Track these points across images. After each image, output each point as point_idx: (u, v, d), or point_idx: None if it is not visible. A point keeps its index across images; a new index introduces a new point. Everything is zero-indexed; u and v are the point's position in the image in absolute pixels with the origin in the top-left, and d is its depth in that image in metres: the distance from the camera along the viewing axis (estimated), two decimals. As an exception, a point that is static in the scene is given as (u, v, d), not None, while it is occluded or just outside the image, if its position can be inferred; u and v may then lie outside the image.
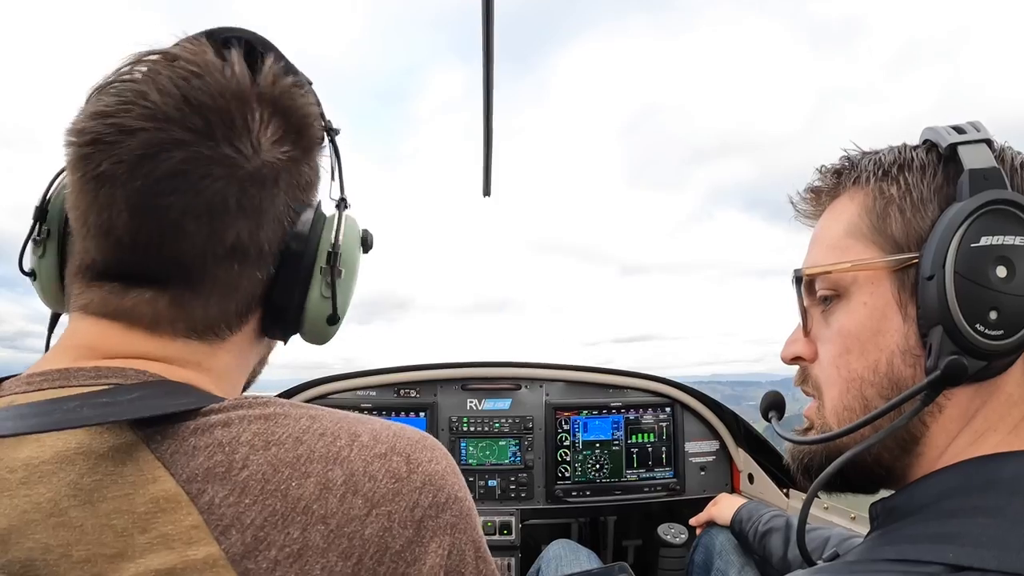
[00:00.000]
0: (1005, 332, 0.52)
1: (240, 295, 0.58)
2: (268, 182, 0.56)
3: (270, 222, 0.57)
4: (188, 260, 0.53)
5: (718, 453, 2.19)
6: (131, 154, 0.50)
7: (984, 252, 0.53)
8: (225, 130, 0.53)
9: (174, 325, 0.55)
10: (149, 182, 0.51)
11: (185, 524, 0.44)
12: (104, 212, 0.52)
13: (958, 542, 0.46)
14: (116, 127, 0.51)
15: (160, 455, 0.47)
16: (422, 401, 2.14)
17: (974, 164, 0.56)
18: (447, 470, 0.56)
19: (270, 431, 0.50)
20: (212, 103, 0.52)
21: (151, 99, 0.51)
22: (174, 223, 0.52)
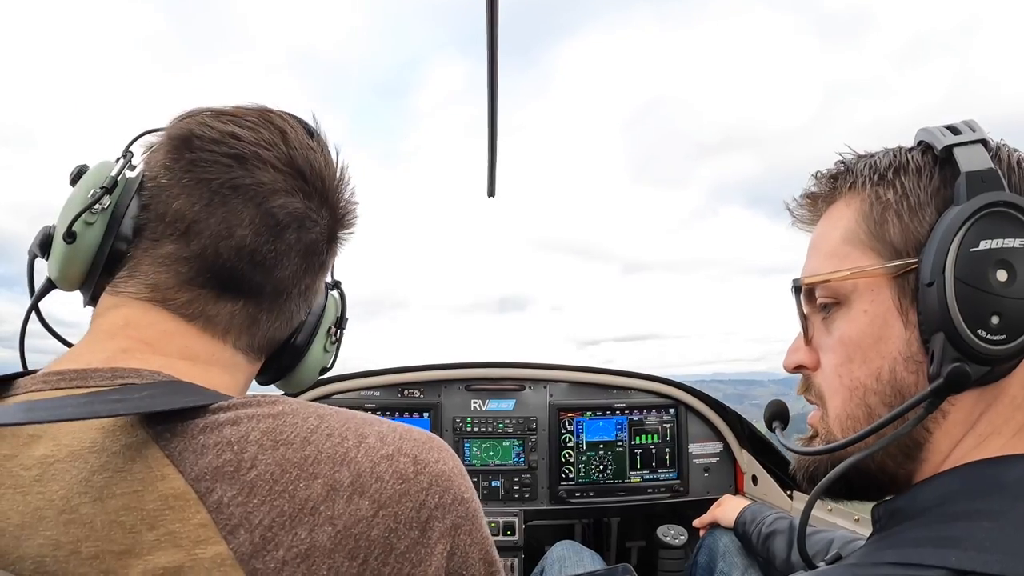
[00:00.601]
0: (1008, 336, 0.51)
1: (287, 328, 0.68)
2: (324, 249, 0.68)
3: (320, 279, 0.70)
4: (283, 286, 0.64)
5: (722, 454, 2.19)
6: (270, 183, 0.60)
7: (984, 256, 0.52)
8: (325, 199, 0.66)
9: (239, 337, 0.63)
10: (280, 213, 0.61)
11: (193, 522, 0.45)
12: (234, 218, 0.59)
13: (961, 546, 0.45)
14: (258, 156, 0.60)
15: (169, 453, 0.47)
16: (426, 401, 2.14)
17: (970, 166, 0.55)
18: (454, 471, 0.57)
19: (278, 430, 0.51)
20: (321, 174, 0.65)
21: (283, 150, 0.62)
22: (285, 251, 0.62)
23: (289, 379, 0.75)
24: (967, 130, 0.58)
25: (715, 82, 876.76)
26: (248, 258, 0.60)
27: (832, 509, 1.65)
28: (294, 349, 0.72)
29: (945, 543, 0.47)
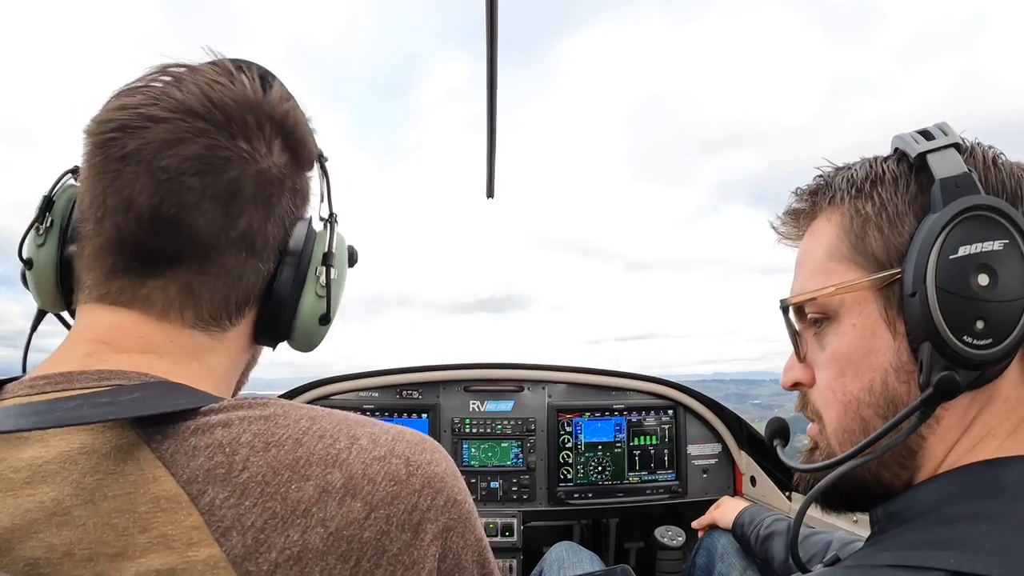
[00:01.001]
0: (994, 340, 0.51)
1: (243, 285, 0.61)
2: (275, 182, 0.61)
3: (276, 219, 0.62)
4: (204, 239, 0.56)
5: (720, 456, 2.19)
6: (158, 138, 0.54)
7: (963, 263, 0.52)
8: (244, 130, 0.58)
9: (183, 313, 0.58)
10: (175, 162, 0.54)
11: (186, 524, 0.45)
12: (127, 188, 0.55)
13: (960, 548, 0.45)
14: (143, 116, 0.55)
15: (161, 455, 0.47)
16: (424, 402, 2.14)
17: (944, 172, 0.55)
18: (447, 472, 0.56)
19: (270, 432, 0.50)
20: (233, 105, 0.58)
21: (176, 96, 0.56)
22: (195, 203, 0.55)
23: (292, 338, 0.68)
24: (939, 134, 0.58)
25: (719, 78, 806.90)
26: (150, 225, 0.55)
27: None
28: (276, 302, 0.64)
29: (944, 545, 0.47)
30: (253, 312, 0.64)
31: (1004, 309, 0.51)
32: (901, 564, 0.47)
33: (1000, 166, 0.57)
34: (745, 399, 61.21)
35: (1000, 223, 0.53)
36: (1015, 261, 0.52)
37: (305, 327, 0.67)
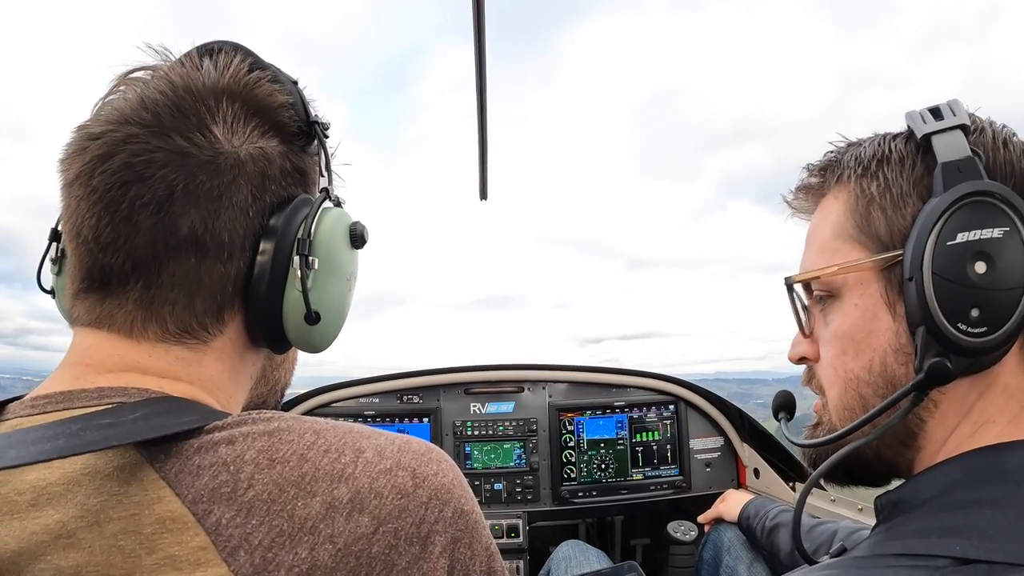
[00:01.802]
0: (988, 328, 0.51)
1: (206, 292, 0.56)
2: (224, 170, 0.55)
3: (229, 211, 0.55)
4: (142, 253, 0.53)
5: (723, 449, 2.19)
6: (93, 156, 0.52)
7: (962, 249, 0.52)
8: (176, 123, 0.54)
9: (147, 328, 0.54)
10: (103, 179, 0.52)
11: (192, 545, 0.45)
12: (74, 215, 0.54)
13: (965, 535, 0.46)
14: (86, 135, 0.54)
15: (165, 475, 0.47)
16: (425, 407, 2.13)
17: (947, 156, 0.55)
18: (453, 483, 0.56)
19: (274, 448, 0.50)
20: (163, 99, 0.54)
21: (115, 106, 0.54)
22: (126, 217, 0.52)
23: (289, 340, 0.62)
24: (948, 114, 0.57)
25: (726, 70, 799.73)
26: (95, 247, 0.53)
27: (835, 499, 1.65)
28: (254, 302, 0.58)
29: (949, 532, 0.47)
30: (239, 316, 0.59)
31: (1001, 297, 0.51)
32: (907, 553, 0.47)
33: (1011, 147, 0.56)
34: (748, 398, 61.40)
35: (1001, 209, 0.52)
36: (1015, 249, 0.51)
37: (295, 329, 0.60)
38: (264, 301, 0.58)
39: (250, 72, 0.58)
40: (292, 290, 0.58)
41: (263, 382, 0.68)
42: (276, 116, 0.59)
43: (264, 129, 0.58)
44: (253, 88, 0.58)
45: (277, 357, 0.68)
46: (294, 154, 0.61)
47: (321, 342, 0.63)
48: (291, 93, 0.61)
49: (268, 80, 0.59)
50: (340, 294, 0.64)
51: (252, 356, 0.63)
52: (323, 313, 0.60)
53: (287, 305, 0.59)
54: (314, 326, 0.60)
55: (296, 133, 0.61)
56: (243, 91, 0.57)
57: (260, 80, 0.59)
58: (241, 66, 0.58)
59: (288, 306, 0.59)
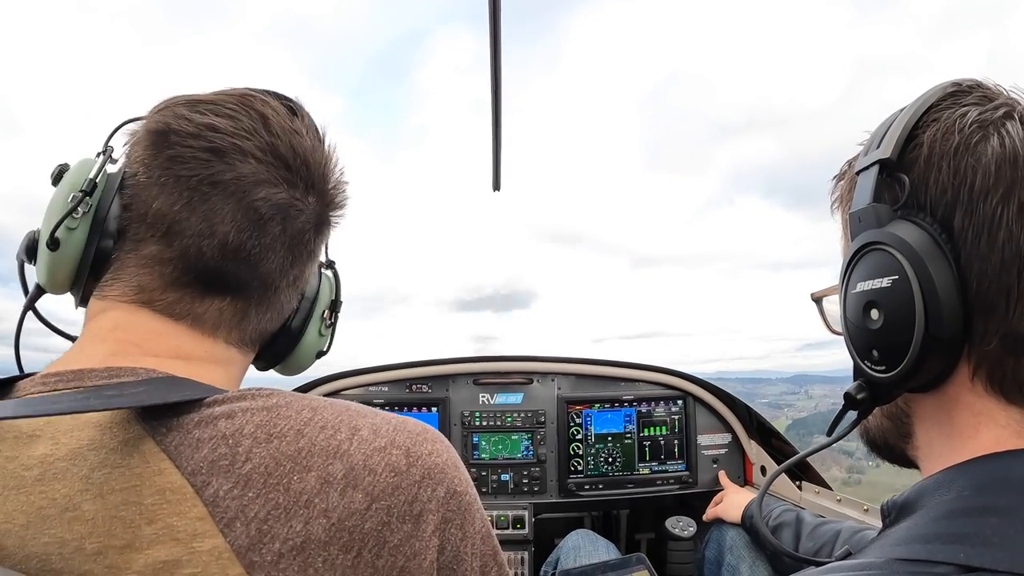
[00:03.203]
0: (888, 367, 0.54)
1: (278, 317, 0.68)
2: (321, 235, 0.68)
3: (310, 266, 0.69)
4: (271, 279, 0.63)
5: (730, 445, 2.18)
6: (251, 175, 0.59)
7: (859, 298, 0.56)
8: (311, 185, 0.64)
9: (230, 333, 0.62)
10: (266, 206, 0.60)
11: (191, 516, 0.46)
12: (214, 215, 0.58)
13: (970, 542, 0.45)
14: (237, 148, 0.59)
15: (165, 447, 0.48)
16: (434, 396, 2.15)
17: (857, 202, 0.57)
18: (447, 463, 0.57)
19: (272, 423, 0.51)
20: (304, 159, 0.63)
21: (265, 138, 0.60)
22: (270, 244, 0.61)
23: (286, 364, 0.76)
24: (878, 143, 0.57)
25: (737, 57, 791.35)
26: (232, 255, 0.59)
27: (841, 499, 1.64)
28: (289, 335, 0.71)
29: (954, 539, 0.46)
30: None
31: (893, 342, 0.53)
32: (911, 558, 0.47)
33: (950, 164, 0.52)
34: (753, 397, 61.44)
35: (893, 258, 0.53)
36: (903, 297, 0.52)
37: (301, 358, 0.76)
38: (294, 336, 0.72)
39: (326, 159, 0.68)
40: (313, 331, 0.74)
41: None
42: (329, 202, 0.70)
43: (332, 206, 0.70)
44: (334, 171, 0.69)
45: None
46: None
47: (304, 369, 0.79)
48: None
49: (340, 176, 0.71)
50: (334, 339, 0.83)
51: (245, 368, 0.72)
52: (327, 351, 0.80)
53: (306, 341, 0.74)
54: (316, 360, 0.79)
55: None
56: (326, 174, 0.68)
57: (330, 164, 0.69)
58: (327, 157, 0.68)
59: (307, 341, 0.74)
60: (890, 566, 0.48)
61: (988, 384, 0.53)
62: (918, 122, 0.55)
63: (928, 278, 0.50)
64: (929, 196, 0.53)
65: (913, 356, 0.52)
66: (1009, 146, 0.50)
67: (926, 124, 0.55)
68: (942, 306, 0.50)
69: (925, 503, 0.53)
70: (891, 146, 0.55)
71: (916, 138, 0.55)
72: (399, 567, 0.51)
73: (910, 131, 0.55)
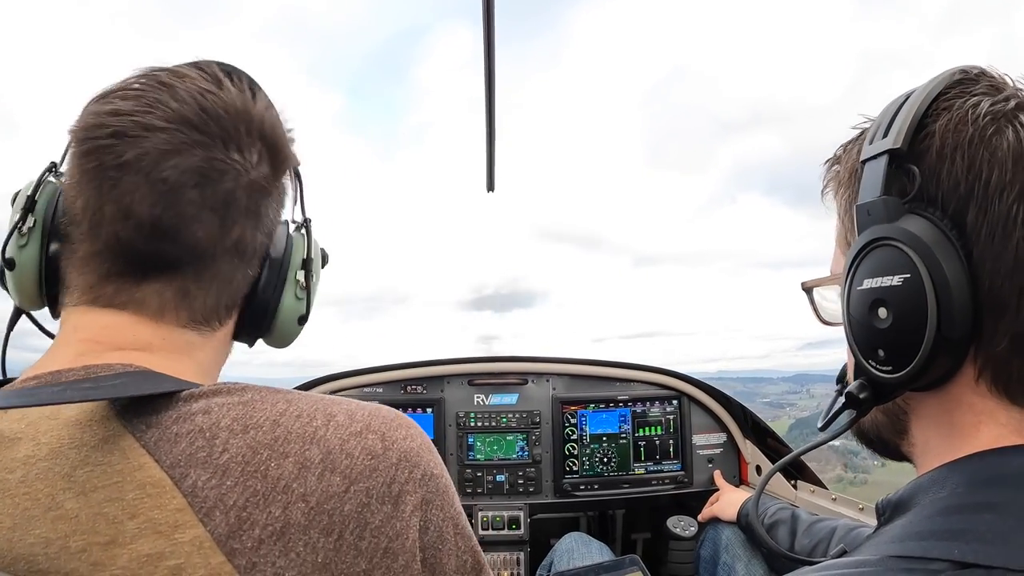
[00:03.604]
0: (894, 368, 0.53)
1: (232, 289, 0.64)
2: (263, 192, 0.64)
3: (262, 228, 0.65)
4: (201, 249, 0.59)
5: (725, 445, 2.19)
6: (156, 148, 0.56)
7: (865, 296, 0.54)
8: (237, 141, 0.60)
9: (178, 314, 0.60)
10: (175, 174, 0.56)
11: (171, 508, 0.47)
12: (126, 197, 0.56)
13: (964, 539, 0.45)
14: (139, 124, 0.56)
15: (145, 443, 0.49)
16: (429, 397, 2.14)
17: (864, 194, 0.55)
18: (422, 447, 0.58)
19: (248, 415, 0.52)
20: (227, 118, 0.60)
21: (171, 106, 0.57)
22: (194, 214, 0.58)
23: (271, 336, 0.73)
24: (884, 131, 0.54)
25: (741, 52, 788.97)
26: (150, 233, 0.57)
27: (836, 498, 1.65)
28: (260, 304, 0.68)
29: (948, 536, 0.46)
30: (237, 312, 0.68)
31: (902, 342, 0.52)
32: (906, 555, 0.47)
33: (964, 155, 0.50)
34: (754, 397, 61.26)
35: (905, 255, 0.51)
36: (914, 296, 0.50)
37: (284, 326, 0.72)
38: (266, 303, 0.69)
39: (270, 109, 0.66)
40: (290, 296, 0.70)
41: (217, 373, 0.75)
42: (284, 154, 0.68)
43: (273, 161, 0.66)
44: (274, 125, 0.66)
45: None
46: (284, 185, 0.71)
47: (294, 339, 0.76)
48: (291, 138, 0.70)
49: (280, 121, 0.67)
50: (312, 301, 0.77)
51: (228, 348, 0.71)
52: (308, 315, 0.74)
53: (283, 307, 0.70)
54: (301, 325, 0.74)
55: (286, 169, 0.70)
56: (268, 128, 0.64)
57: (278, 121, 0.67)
58: (269, 105, 0.65)
59: (284, 308, 0.70)
60: (885, 563, 0.48)
61: (993, 385, 0.52)
62: (927, 110, 0.53)
63: (942, 277, 0.49)
64: (941, 189, 0.51)
65: (923, 357, 0.50)
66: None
67: (936, 113, 0.53)
68: (954, 306, 0.49)
69: (920, 500, 0.53)
70: (901, 135, 0.53)
71: (926, 127, 0.53)
72: (383, 548, 0.52)
73: (919, 120, 0.53)
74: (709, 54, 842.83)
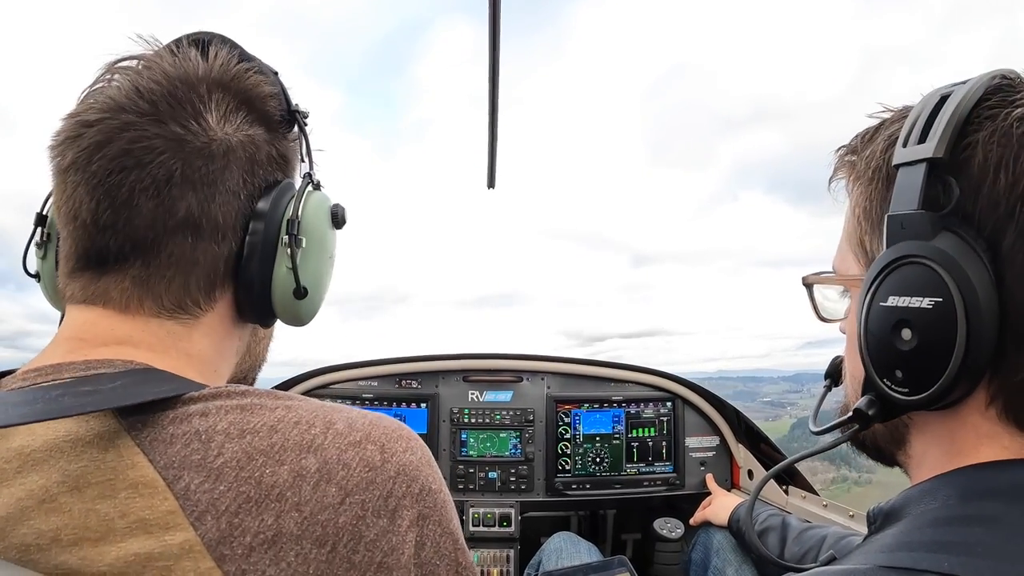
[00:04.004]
0: (911, 390, 0.51)
1: (200, 270, 0.60)
2: (217, 156, 0.59)
3: (223, 195, 0.59)
4: (142, 234, 0.56)
5: (718, 448, 2.19)
6: (91, 142, 0.55)
7: (889, 314, 0.51)
8: (172, 111, 0.57)
9: (143, 304, 0.58)
10: (103, 164, 0.55)
11: (162, 509, 0.46)
12: (71, 199, 0.56)
13: (954, 551, 0.45)
14: (79, 122, 0.56)
15: (140, 442, 0.48)
16: (423, 392, 2.14)
17: (897, 204, 0.52)
18: (422, 461, 0.57)
19: (246, 420, 0.51)
20: (159, 88, 0.57)
21: (107, 94, 0.57)
22: (126, 200, 0.56)
23: (278, 315, 0.67)
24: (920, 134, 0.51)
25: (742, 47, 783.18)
26: (92, 230, 0.56)
27: (827, 505, 1.65)
28: (245, 281, 0.62)
29: (938, 548, 0.46)
30: (228, 293, 0.63)
31: (924, 367, 0.50)
32: (895, 566, 0.47)
33: (1008, 172, 0.48)
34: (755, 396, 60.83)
35: (939, 277, 0.48)
36: (944, 321, 0.48)
37: (283, 303, 0.65)
38: (254, 278, 0.63)
39: (238, 63, 0.62)
40: (281, 267, 0.63)
41: (248, 356, 0.72)
42: (262, 106, 0.64)
43: (251, 118, 0.63)
44: (241, 79, 0.62)
45: (260, 332, 0.73)
46: (278, 141, 0.66)
47: (306, 315, 0.68)
48: (274, 84, 0.66)
49: (254, 72, 0.64)
50: (323, 271, 0.70)
51: (238, 331, 0.67)
52: (309, 288, 0.66)
53: (276, 281, 0.64)
54: (301, 300, 0.65)
55: (279, 121, 0.67)
56: (232, 82, 0.61)
57: (247, 71, 0.63)
58: (229, 58, 0.62)
59: (277, 282, 0.64)
60: (875, 573, 0.48)
61: (1004, 413, 0.51)
62: (968, 117, 0.50)
63: (976, 305, 0.47)
64: (979, 207, 0.49)
65: (945, 384, 0.49)
66: None
67: (979, 121, 0.50)
68: (984, 335, 0.47)
69: (911, 511, 0.53)
70: (943, 144, 0.49)
71: (967, 137, 0.50)
72: (376, 562, 0.51)
73: (960, 127, 0.50)
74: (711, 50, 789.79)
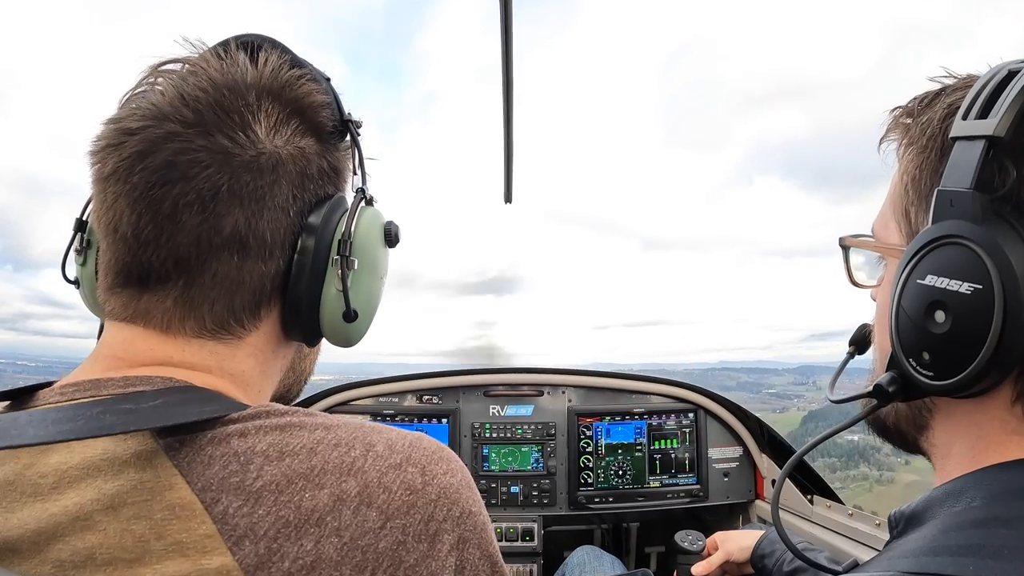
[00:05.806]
0: (936, 375, 0.50)
1: (246, 290, 0.57)
2: (266, 171, 0.56)
3: (272, 211, 0.56)
4: (185, 252, 0.53)
5: (741, 459, 2.17)
6: (132, 152, 0.52)
7: (925, 293, 0.50)
8: (218, 121, 0.54)
9: (184, 324, 0.55)
10: (146, 175, 0.52)
11: (199, 533, 0.45)
12: (111, 211, 0.54)
13: (979, 555, 0.44)
14: (120, 129, 0.53)
15: (177, 463, 0.48)
16: (444, 407, 2.15)
17: (949, 180, 0.50)
18: (462, 483, 0.56)
19: (284, 442, 0.50)
20: (205, 96, 0.54)
21: (152, 101, 0.53)
22: (169, 215, 0.53)
23: (325, 336, 0.64)
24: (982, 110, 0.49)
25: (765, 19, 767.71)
26: (134, 245, 0.53)
27: (853, 514, 1.63)
28: (292, 301, 0.59)
29: (963, 552, 0.45)
30: (275, 312, 0.60)
31: (954, 353, 0.48)
32: (920, 571, 0.46)
33: None
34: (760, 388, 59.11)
35: (982, 263, 0.47)
36: (980, 310, 0.47)
37: (332, 326, 0.62)
38: (303, 298, 0.59)
39: (289, 70, 0.59)
40: (331, 289, 0.60)
41: (291, 372, 0.69)
42: (314, 116, 0.60)
43: (303, 129, 0.59)
44: (293, 87, 0.59)
45: (306, 348, 0.70)
46: (330, 153, 0.63)
47: (355, 337, 0.65)
48: (326, 92, 0.62)
49: (307, 79, 0.60)
50: (374, 292, 0.65)
51: (284, 350, 0.64)
52: (359, 311, 0.62)
53: (325, 303, 0.60)
54: (351, 324, 0.62)
55: (331, 132, 0.63)
56: (283, 90, 0.58)
57: (299, 79, 0.59)
58: (280, 64, 0.58)
59: (326, 304, 0.60)
60: None
61: None
62: None
63: (1016, 299, 0.45)
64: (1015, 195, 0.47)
65: (972, 373, 0.47)
66: None
67: None
68: (1020, 329, 0.45)
69: (934, 514, 0.52)
70: (1005, 122, 0.47)
71: None
72: None
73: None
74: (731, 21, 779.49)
